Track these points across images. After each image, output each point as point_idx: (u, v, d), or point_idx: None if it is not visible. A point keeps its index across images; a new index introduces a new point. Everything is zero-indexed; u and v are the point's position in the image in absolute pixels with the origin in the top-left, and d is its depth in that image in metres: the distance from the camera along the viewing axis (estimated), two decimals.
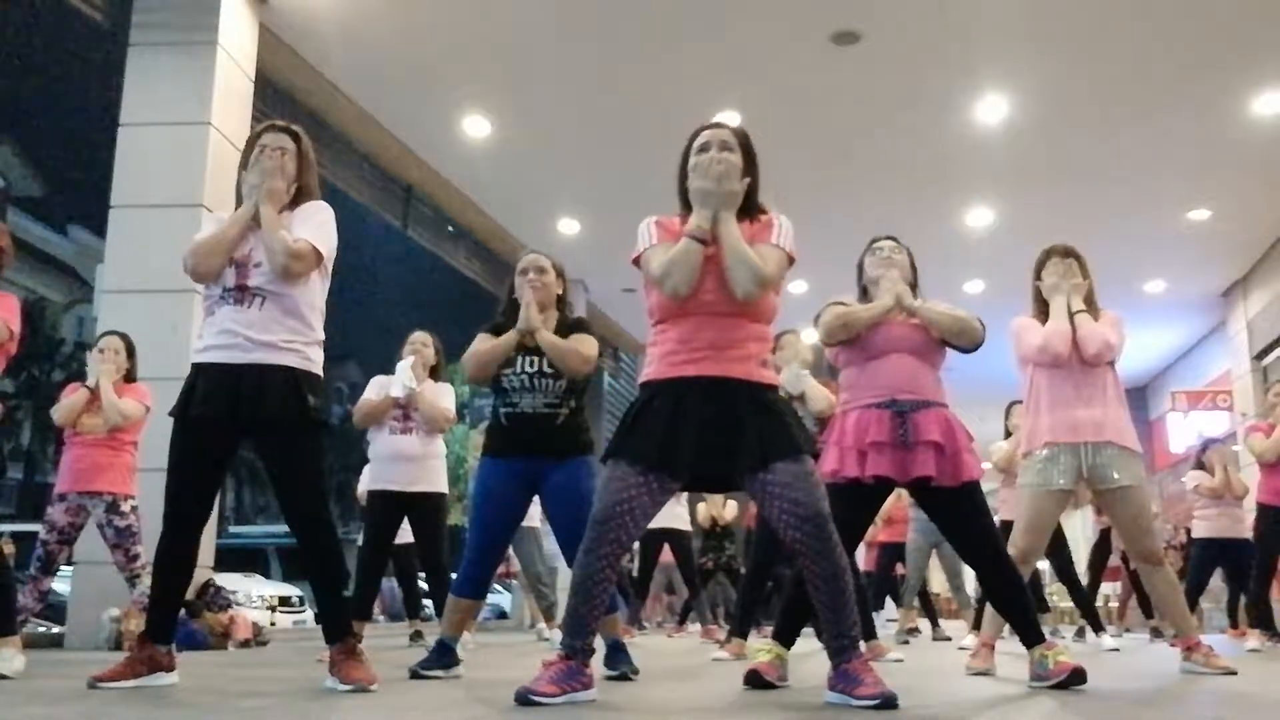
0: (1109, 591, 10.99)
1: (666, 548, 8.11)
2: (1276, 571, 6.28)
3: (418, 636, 6.80)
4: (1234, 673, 3.78)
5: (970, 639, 6.29)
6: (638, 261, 2.81)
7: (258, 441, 3.14)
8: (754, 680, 3.20)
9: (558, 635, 4.08)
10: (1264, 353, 11.95)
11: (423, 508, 5.17)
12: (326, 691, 3.00)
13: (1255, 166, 9.00)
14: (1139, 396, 16.56)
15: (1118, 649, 6.33)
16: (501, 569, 6.73)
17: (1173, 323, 13.55)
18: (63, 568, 5.56)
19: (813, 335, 3.84)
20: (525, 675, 2.69)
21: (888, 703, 2.51)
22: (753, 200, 2.83)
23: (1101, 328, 3.87)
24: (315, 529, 3.12)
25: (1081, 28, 7.05)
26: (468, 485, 9.78)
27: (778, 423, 2.68)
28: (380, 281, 49.91)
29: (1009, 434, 6.90)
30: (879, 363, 3.42)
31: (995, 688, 3.38)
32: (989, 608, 4.09)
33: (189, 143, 6.36)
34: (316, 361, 3.22)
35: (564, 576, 3.90)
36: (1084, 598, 7.13)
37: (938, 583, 12.49)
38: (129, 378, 5.37)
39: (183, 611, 4.26)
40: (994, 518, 3.76)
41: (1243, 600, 7.14)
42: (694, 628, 9.70)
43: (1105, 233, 9.87)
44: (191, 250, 3.15)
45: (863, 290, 3.65)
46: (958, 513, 3.35)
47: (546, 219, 10.50)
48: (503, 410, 3.64)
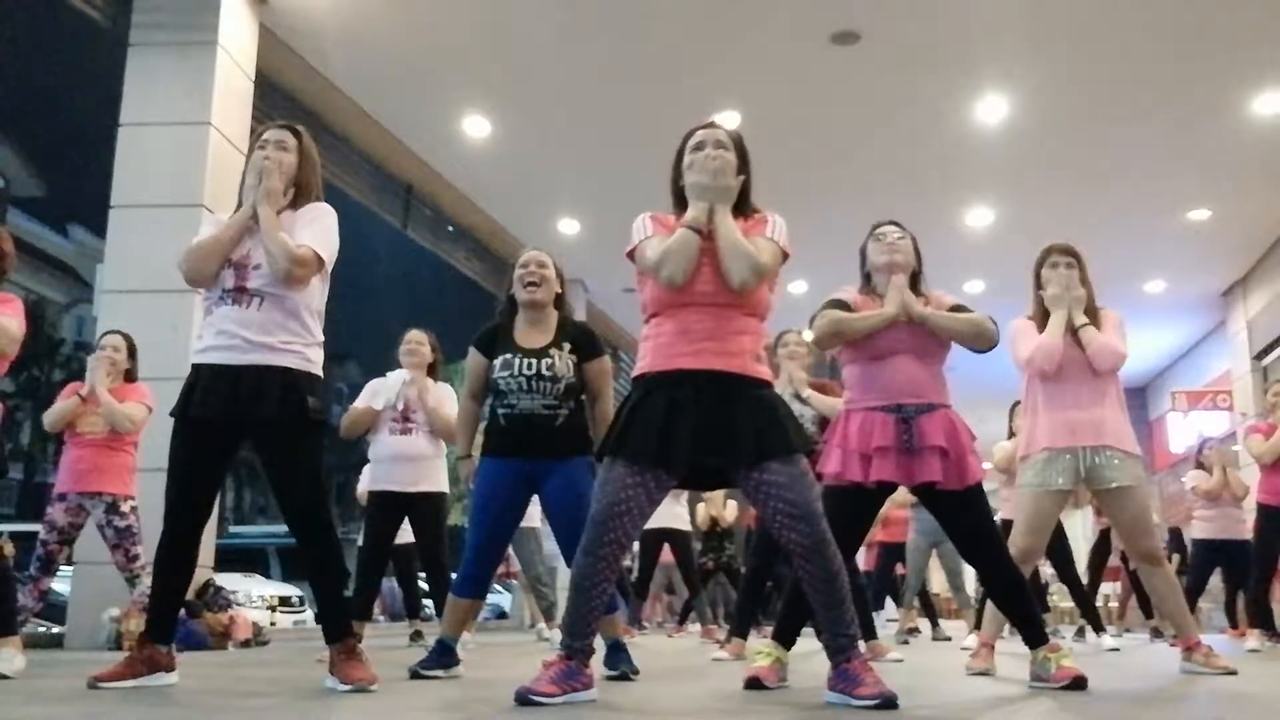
0: (1109, 591, 10.99)
1: (666, 547, 8.11)
2: (1276, 571, 6.28)
3: (418, 636, 6.80)
4: (1234, 673, 3.79)
5: (971, 639, 6.29)
6: (633, 255, 2.82)
7: (257, 442, 3.14)
8: (754, 686, 3.19)
9: (558, 635, 4.08)
10: (1264, 353, 11.95)
11: (423, 508, 5.18)
12: (326, 691, 3.00)
13: (1255, 166, 9.00)
14: (1139, 396, 16.56)
15: (1118, 649, 6.34)
16: (501, 569, 6.73)
17: (1173, 323, 13.55)
18: (63, 568, 5.55)
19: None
20: (525, 675, 2.69)
21: (887, 703, 2.51)
22: (746, 200, 2.86)
23: (1110, 340, 3.83)
24: (315, 529, 3.12)
25: (1081, 28, 7.05)
26: (467, 485, 9.79)
27: (773, 420, 2.68)
28: (380, 281, 49.95)
29: (1013, 434, 6.89)
30: (881, 364, 3.39)
31: (995, 688, 3.38)
32: (989, 608, 4.09)
33: (189, 143, 6.35)
34: (316, 362, 3.21)
35: (564, 576, 3.90)
36: (1084, 597, 7.13)
37: (938, 583, 12.50)
38: (130, 377, 5.36)
39: (183, 611, 4.26)
40: (995, 517, 3.76)
41: (1241, 600, 7.14)
42: (694, 628, 9.70)
43: (1105, 233, 9.87)
44: (186, 255, 3.14)
45: (866, 278, 3.58)
46: (962, 514, 3.34)
47: (546, 219, 10.50)
48: (501, 411, 3.64)
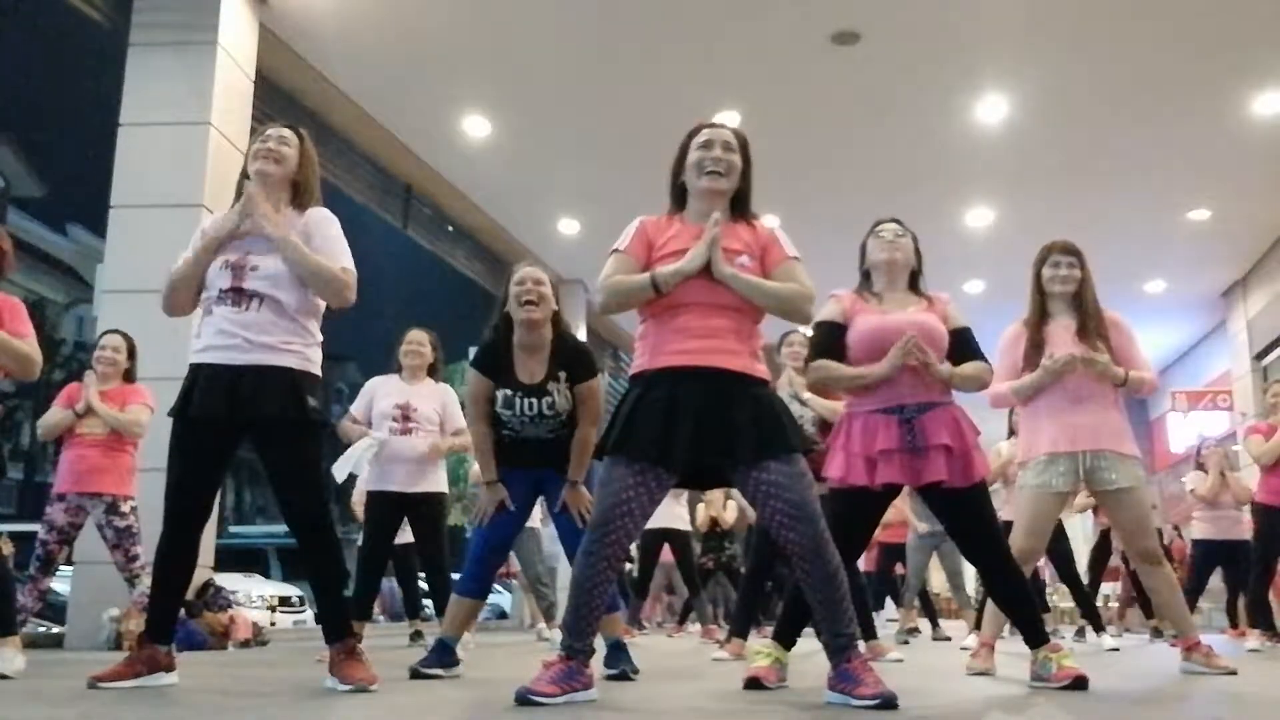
0: (1109, 591, 10.98)
1: (666, 547, 8.11)
2: (1276, 571, 6.27)
3: (418, 636, 6.80)
4: (1234, 673, 3.79)
5: (971, 639, 6.29)
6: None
7: (257, 442, 3.14)
8: (754, 687, 3.19)
9: (558, 635, 4.08)
10: (1264, 353, 11.96)
11: (423, 508, 5.18)
12: (326, 691, 3.00)
13: (1255, 166, 9.01)
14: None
15: (1118, 649, 6.33)
16: (501, 569, 6.73)
17: (1173, 323, 13.56)
18: (63, 568, 5.56)
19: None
20: (525, 675, 2.69)
21: (887, 703, 2.51)
22: (746, 203, 2.87)
23: (1152, 377, 3.92)
24: (314, 529, 3.12)
25: (1082, 28, 7.05)
26: (467, 485, 9.80)
27: (773, 419, 2.68)
28: (380, 281, 49.89)
29: (1012, 433, 6.87)
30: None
31: (995, 688, 3.38)
32: (990, 607, 4.09)
33: (189, 143, 6.36)
34: (315, 362, 3.22)
35: (564, 576, 3.90)
36: (1085, 597, 7.12)
37: (938, 583, 12.49)
38: (129, 377, 5.36)
39: (182, 612, 4.26)
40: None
41: (1242, 600, 7.13)
42: (694, 628, 9.70)
43: (1105, 233, 9.88)
44: (164, 292, 3.22)
45: (865, 275, 3.57)
46: (966, 512, 3.33)
47: (546, 219, 10.51)
48: (505, 433, 3.68)
